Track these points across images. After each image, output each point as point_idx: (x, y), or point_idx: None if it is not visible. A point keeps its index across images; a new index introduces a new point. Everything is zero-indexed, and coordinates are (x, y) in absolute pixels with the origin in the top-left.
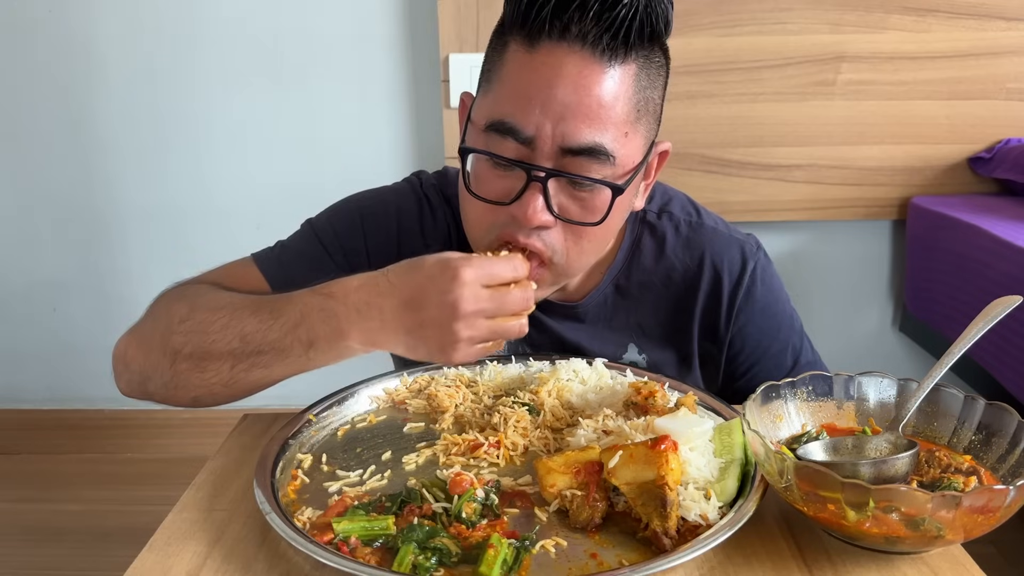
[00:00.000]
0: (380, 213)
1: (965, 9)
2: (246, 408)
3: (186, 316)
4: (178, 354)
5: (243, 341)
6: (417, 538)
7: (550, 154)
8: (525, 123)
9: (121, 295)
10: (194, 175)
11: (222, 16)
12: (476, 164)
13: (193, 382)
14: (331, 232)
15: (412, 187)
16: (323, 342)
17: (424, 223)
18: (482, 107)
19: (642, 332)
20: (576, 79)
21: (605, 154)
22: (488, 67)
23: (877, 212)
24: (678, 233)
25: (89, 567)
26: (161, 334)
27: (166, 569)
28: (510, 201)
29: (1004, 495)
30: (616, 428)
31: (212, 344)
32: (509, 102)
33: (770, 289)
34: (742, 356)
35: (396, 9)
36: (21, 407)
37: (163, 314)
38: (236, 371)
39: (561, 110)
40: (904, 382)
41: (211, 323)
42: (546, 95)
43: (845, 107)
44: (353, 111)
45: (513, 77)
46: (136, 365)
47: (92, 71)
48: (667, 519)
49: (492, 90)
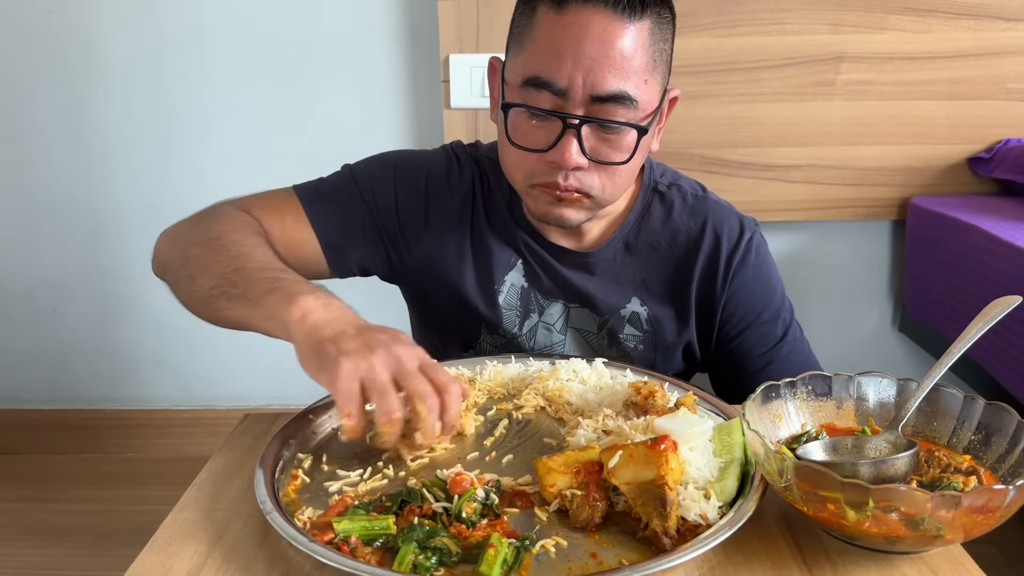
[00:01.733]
0: (413, 166)
1: (965, 9)
2: (246, 408)
3: (218, 234)
4: (189, 260)
5: (235, 270)
6: (417, 538)
7: (581, 102)
8: (558, 76)
9: (121, 295)
10: (194, 175)
11: (222, 16)
12: (514, 118)
13: (184, 286)
14: (366, 175)
15: (444, 150)
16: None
17: (451, 176)
18: (515, 66)
19: (646, 287)
20: (601, 35)
21: (630, 99)
22: (518, 31)
23: (877, 212)
24: (685, 202)
25: (89, 567)
26: (188, 238)
27: (166, 569)
28: (547, 148)
29: (1004, 495)
30: (616, 428)
31: (214, 263)
32: (543, 59)
33: (764, 260)
34: (735, 319)
35: (396, 9)
36: (21, 407)
37: (202, 224)
38: (211, 292)
39: (589, 63)
40: (904, 382)
41: (227, 247)
42: (576, 50)
43: (845, 107)
44: (353, 111)
45: (545, 37)
46: (163, 255)
47: (92, 71)
48: (667, 519)
49: (524, 50)
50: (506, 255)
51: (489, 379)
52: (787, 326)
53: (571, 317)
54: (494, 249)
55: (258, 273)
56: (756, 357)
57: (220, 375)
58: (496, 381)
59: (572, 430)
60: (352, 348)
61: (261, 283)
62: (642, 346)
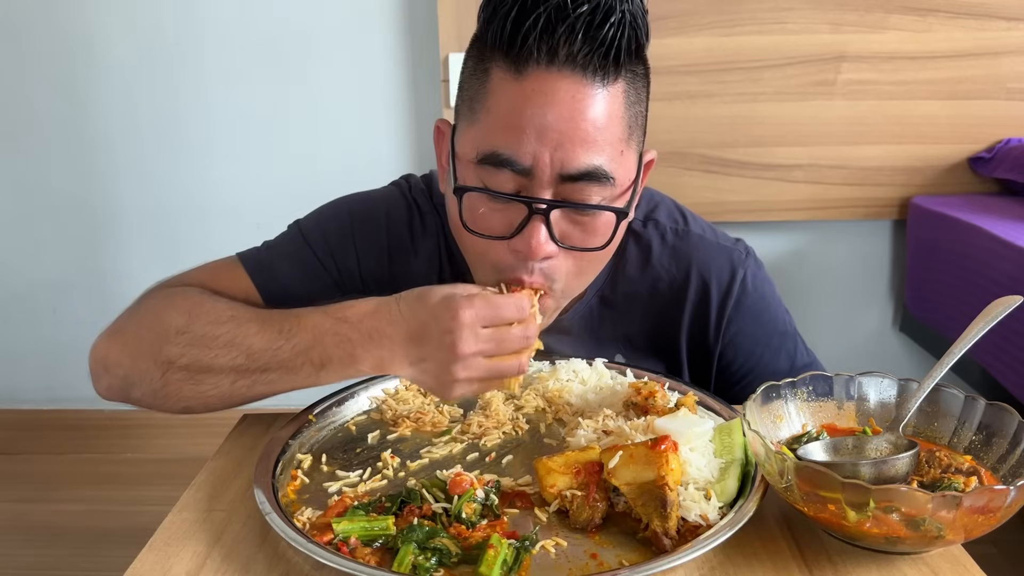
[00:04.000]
0: (370, 219)
1: (965, 9)
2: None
3: (184, 328)
4: (172, 365)
5: (249, 358)
6: (417, 538)
7: (549, 182)
8: (521, 154)
9: (121, 295)
10: (194, 175)
11: (222, 16)
12: (471, 200)
13: (186, 393)
14: (320, 236)
15: (402, 192)
16: (335, 364)
17: (414, 230)
18: (468, 138)
19: (628, 343)
20: (570, 104)
21: (605, 176)
22: (469, 95)
23: (877, 212)
24: (664, 242)
25: (89, 567)
26: (152, 343)
27: (166, 569)
28: (511, 235)
29: (1004, 495)
30: (616, 428)
31: (214, 359)
32: (501, 133)
33: (761, 296)
34: (735, 366)
35: (396, 9)
36: (21, 407)
37: (153, 321)
38: (237, 386)
39: (558, 137)
40: (904, 382)
41: (214, 338)
42: (540, 123)
43: (845, 107)
44: (353, 111)
45: (503, 107)
46: (120, 370)
47: (92, 71)
48: (667, 519)
49: (478, 120)
50: None
51: None
52: (792, 356)
53: None
54: None
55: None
56: None
57: None
58: None
59: (572, 430)
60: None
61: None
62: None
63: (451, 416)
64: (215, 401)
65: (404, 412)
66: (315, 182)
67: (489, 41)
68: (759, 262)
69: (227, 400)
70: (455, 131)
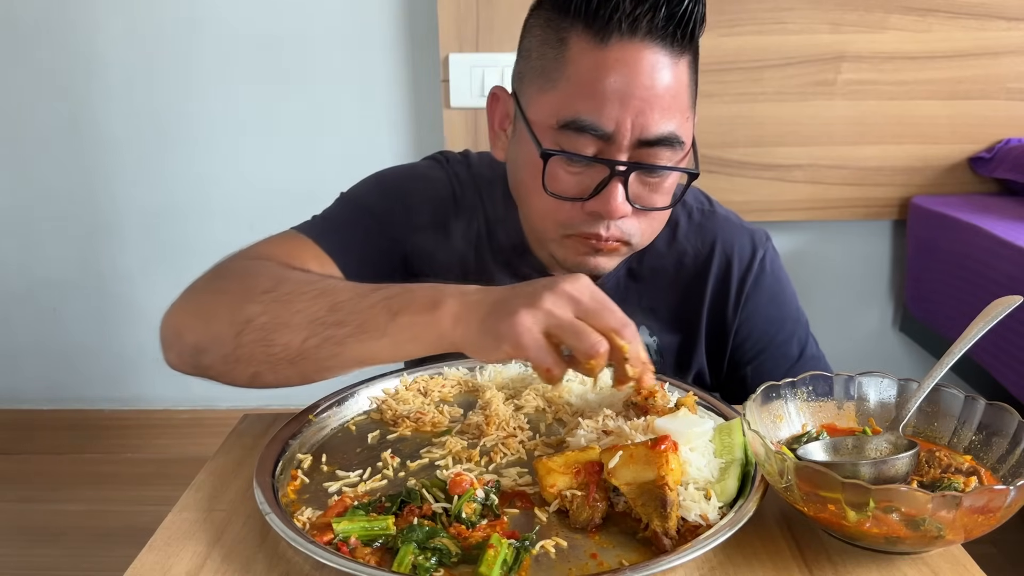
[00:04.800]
0: (415, 187)
1: (965, 9)
2: (246, 408)
3: (271, 287)
4: (249, 324)
5: (331, 310)
6: (417, 538)
7: (628, 146)
8: (604, 120)
9: (121, 295)
10: (194, 175)
11: (222, 16)
12: (550, 164)
13: (257, 356)
14: (372, 201)
15: (441, 165)
16: (414, 308)
17: (457, 202)
18: (546, 106)
19: (653, 315)
20: (650, 73)
21: (677, 141)
22: (541, 63)
23: (877, 212)
24: (691, 220)
25: (89, 567)
26: (231, 304)
27: (166, 569)
28: (589, 196)
29: (1004, 495)
30: (616, 428)
31: (294, 315)
32: (583, 100)
33: (778, 279)
34: (748, 343)
35: (396, 9)
36: (21, 407)
37: (237, 285)
38: (307, 344)
39: (640, 104)
40: (904, 382)
41: (301, 294)
42: (623, 91)
43: (845, 107)
44: (353, 111)
45: (585, 75)
46: (192, 336)
47: (92, 71)
48: (667, 519)
49: (557, 88)
50: (506, 281)
51: (489, 379)
52: (803, 344)
53: None
54: (494, 275)
55: (361, 302)
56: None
57: None
58: (496, 381)
59: (572, 430)
60: (517, 306)
61: (376, 311)
62: None
63: (451, 416)
64: (283, 367)
65: (404, 412)
66: (315, 182)
67: (572, 12)
68: (776, 252)
69: (295, 364)
70: (520, 98)
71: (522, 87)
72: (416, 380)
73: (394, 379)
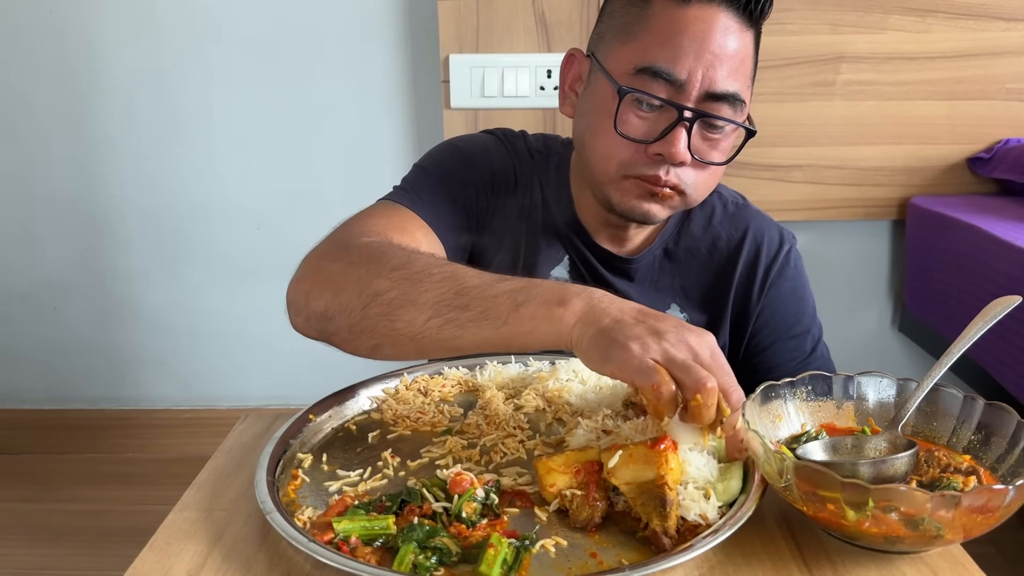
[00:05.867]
0: (478, 156)
1: (965, 9)
2: (246, 408)
3: (401, 265)
4: (377, 298)
5: (458, 294)
6: (417, 538)
7: (696, 98)
8: (679, 68)
9: (121, 295)
10: (194, 175)
11: (222, 16)
12: (623, 106)
13: (381, 329)
14: (447, 169)
15: (498, 139)
16: (537, 302)
17: (515, 172)
18: (625, 55)
19: (684, 294)
20: (724, 34)
21: (740, 101)
22: (623, 20)
23: (877, 212)
24: (726, 209)
25: (89, 567)
26: (361, 277)
27: (166, 569)
28: (654, 140)
29: (1003, 495)
30: (615, 428)
31: (421, 293)
32: (662, 49)
33: (800, 275)
34: (766, 331)
35: (396, 9)
36: (21, 407)
37: (368, 260)
38: (429, 325)
39: (711, 59)
40: (903, 382)
41: (430, 274)
42: (699, 45)
43: (845, 107)
44: (353, 111)
45: (665, 27)
46: (320, 304)
47: (93, 70)
48: (667, 519)
49: (637, 39)
50: (554, 251)
51: (489, 379)
52: (816, 343)
53: None
54: (542, 246)
55: (487, 290)
56: (783, 371)
57: (220, 375)
58: (496, 381)
59: (572, 430)
60: (637, 334)
61: (501, 300)
62: None
63: (451, 416)
64: (404, 342)
65: (404, 412)
66: (316, 183)
67: None
68: (801, 255)
69: (416, 341)
70: (597, 55)
71: (600, 46)
72: (416, 380)
73: (394, 379)
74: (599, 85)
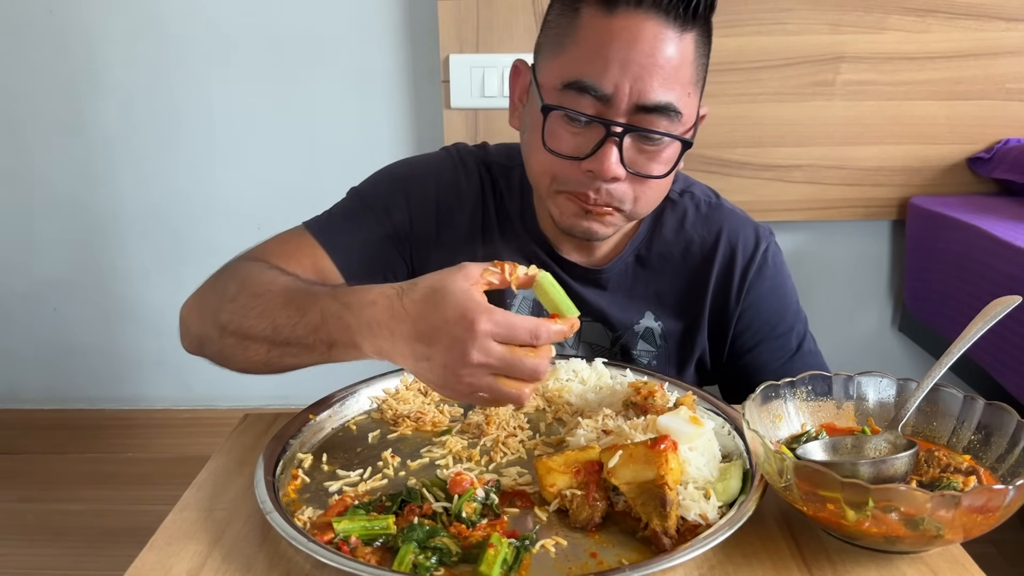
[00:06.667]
0: (421, 180)
1: (965, 9)
2: (246, 408)
3: (234, 296)
4: (224, 329)
5: (275, 331)
6: (417, 538)
7: (625, 111)
8: (604, 81)
9: (121, 295)
10: (194, 175)
11: (222, 16)
12: (552, 122)
13: (238, 356)
14: (374, 194)
15: (450, 155)
16: (340, 347)
17: (460, 185)
18: (554, 68)
19: (659, 301)
20: (652, 42)
21: (675, 111)
22: (555, 31)
23: (877, 212)
24: (698, 211)
25: (89, 567)
26: (213, 308)
27: (166, 569)
28: (585, 156)
29: (1003, 495)
30: (616, 428)
31: (251, 328)
32: (588, 63)
33: (780, 273)
34: (749, 332)
35: (396, 9)
36: (21, 407)
37: (220, 289)
38: (271, 355)
39: (638, 70)
40: (903, 382)
41: (251, 308)
42: (625, 56)
43: (845, 107)
44: (353, 111)
45: (590, 39)
46: (194, 330)
47: (92, 71)
48: (667, 519)
49: (565, 52)
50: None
51: None
52: (801, 339)
53: (583, 331)
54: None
55: (296, 329)
56: (770, 371)
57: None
58: None
59: (572, 430)
60: (439, 375)
61: (311, 340)
62: (655, 361)
63: (451, 416)
64: (260, 366)
65: (404, 412)
66: (316, 183)
67: None
68: (779, 248)
69: (270, 366)
70: (536, 66)
71: (539, 58)
72: (417, 380)
73: (394, 379)
74: (534, 98)
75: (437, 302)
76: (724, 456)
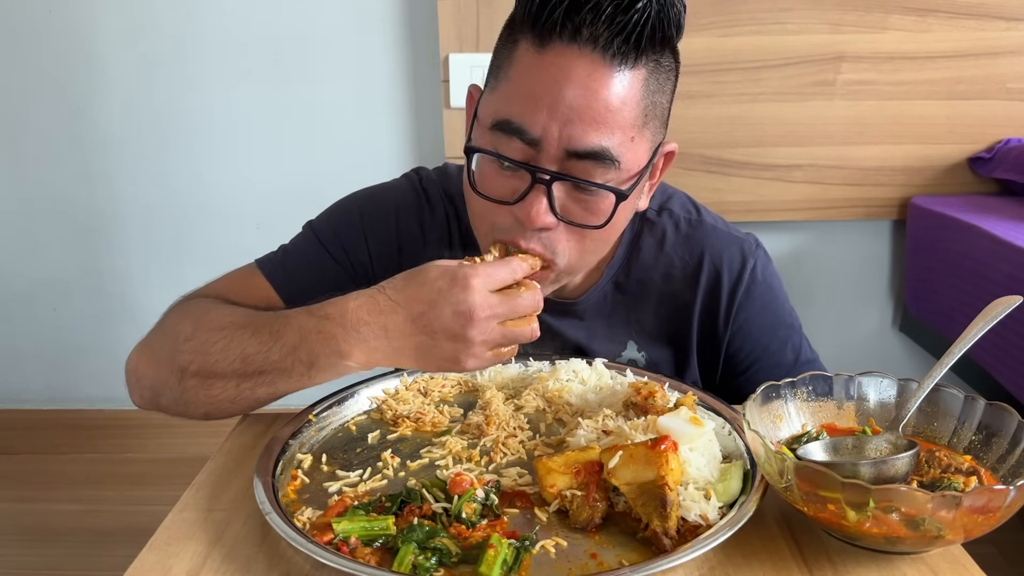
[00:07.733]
0: (380, 213)
1: (965, 9)
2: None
3: (191, 335)
4: (185, 372)
5: (244, 362)
6: (417, 538)
7: (556, 156)
8: (532, 124)
9: (121, 295)
10: (194, 175)
11: (222, 16)
12: (482, 162)
13: (201, 399)
14: (332, 233)
15: (411, 183)
16: (323, 362)
17: (423, 219)
18: (489, 104)
19: (641, 329)
20: (585, 82)
21: (610, 159)
22: (496, 63)
23: (877, 212)
24: (678, 231)
25: (89, 567)
26: (168, 352)
27: (166, 569)
28: (514, 201)
29: (1004, 495)
30: (616, 428)
31: (215, 364)
32: (517, 102)
33: (770, 287)
34: (742, 354)
35: (396, 9)
36: (21, 407)
37: (171, 331)
38: (241, 389)
39: (568, 113)
40: (904, 382)
41: (213, 343)
42: (554, 97)
43: (845, 107)
44: (353, 111)
45: (522, 77)
46: (147, 380)
47: (92, 71)
48: (667, 519)
49: (500, 88)
50: None
51: (489, 379)
52: (797, 350)
53: None
54: None
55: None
56: None
57: None
58: (496, 381)
59: (572, 430)
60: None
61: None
62: None
63: (451, 416)
64: (227, 405)
65: (404, 412)
66: (315, 182)
67: (518, 14)
68: (768, 256)
69: (238, 403)
70: (480, 97)
71: (484, 87)
72: (416, 380)
73: (394, 379)
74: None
75: (423, 280)
76: (725, 456)
